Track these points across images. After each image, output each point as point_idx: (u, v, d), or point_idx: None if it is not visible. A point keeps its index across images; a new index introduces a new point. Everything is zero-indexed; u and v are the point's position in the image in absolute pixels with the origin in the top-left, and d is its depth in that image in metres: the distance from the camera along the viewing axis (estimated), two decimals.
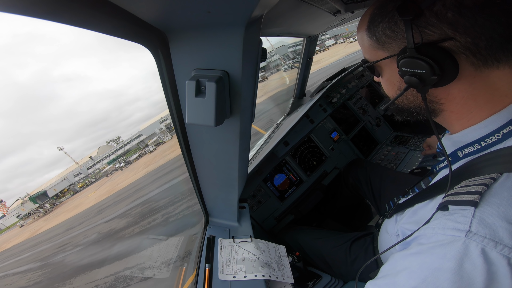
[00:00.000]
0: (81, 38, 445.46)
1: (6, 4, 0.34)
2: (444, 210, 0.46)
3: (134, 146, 50.31)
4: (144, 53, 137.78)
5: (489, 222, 0.40)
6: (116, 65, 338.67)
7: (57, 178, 53.40)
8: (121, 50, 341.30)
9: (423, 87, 0.49)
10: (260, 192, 1.62)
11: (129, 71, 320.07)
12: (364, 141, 2.02)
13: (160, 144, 43.44)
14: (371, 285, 0.52)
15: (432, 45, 0.46)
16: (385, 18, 0.51)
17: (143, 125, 54.74)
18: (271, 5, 0.52)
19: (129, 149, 50.55)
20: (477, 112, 0.50)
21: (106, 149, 57.73)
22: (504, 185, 0.43)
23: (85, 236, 11.90)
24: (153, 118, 54.05)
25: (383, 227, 0.82)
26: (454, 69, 0.45)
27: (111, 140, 66.60)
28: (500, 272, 0.38)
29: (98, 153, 56.37)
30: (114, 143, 63.94)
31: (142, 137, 49.90)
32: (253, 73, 0.63)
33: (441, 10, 0.43)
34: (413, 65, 0.48)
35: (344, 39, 40.40)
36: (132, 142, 51.04)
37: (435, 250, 0.43)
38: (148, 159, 33.41)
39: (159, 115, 49.05)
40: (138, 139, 50.35)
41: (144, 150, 44.58)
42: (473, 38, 0.43)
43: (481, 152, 0.51)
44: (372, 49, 0.57)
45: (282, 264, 1.02)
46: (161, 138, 44.89)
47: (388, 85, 0.61)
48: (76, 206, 26.14)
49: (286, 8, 0.78)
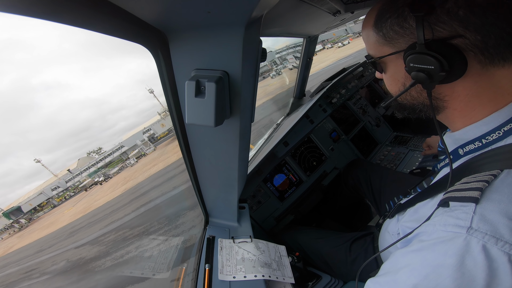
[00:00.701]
0: (62, 45, 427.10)
1: (6, 4, 0.34)
2: (445, 207, 0.46)
3: (117, 157, 47.27)
4: (128, 60, 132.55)
5: (490, 218, 0.40)
6: (99, 73, 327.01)
7: (35, 192, 49.78)
8: (104, 56, 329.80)
9: (430, 83, 0.49)
10: (260, 192, 1.62)
11: (113, 78, 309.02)
12: (364, 141, 2.02)
13: (142, 157, 40.32)
14: (372, 283, 0.52)
15: (442, 42, 0.46)
16: (394, 13, 0.51)
17: (125, 135, 52.51)
18: (271, 5, 0.52)
19: (111, 161, 48.06)
20: (480, 110, 0.51)
21: (86, 160, 53.30)
22: (504, 181, 0.43)
23: (54, 263, 11.17)
24: (137, 128, 51.84)
25: (384, 227, 0.82)
26: (462, 66, 0.46)
27: (92, 151, 62.68)
28: (501, 268, 0.38)
29: (78, 165, 51.71)
30: (95, 154, 60.06)
31: (124, 149, 46.66)
32: (253, 73, 0.63)
33: (453, 8, 0.44)
34: (421, 61, 0.48)
35: (332, 44, 40.20)
36: (113, 154, 47.75)
37: (436, 247, 0.43)
38: (128, 173, 31.15)
39: (143, 125, 46.53)
40: (120, 151, 47.15)
41: (125, 163, 40.85)
42: (483, 36, 0.43)
43: (482, 149, 0.51)
44: (378, 45, 0.57)
45: (282, 264, 1.02)
46: (143, 150, 41.51)
47: (392, 81, 0.61)
48: (51, 224, 24.50)
49: (286, 8, 0.78)
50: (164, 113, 43.04)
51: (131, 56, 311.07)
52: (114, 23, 0.46)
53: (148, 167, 24.50)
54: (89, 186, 40.55)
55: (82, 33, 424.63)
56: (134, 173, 27.47)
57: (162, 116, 42.89)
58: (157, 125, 41.56)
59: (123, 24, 0.48)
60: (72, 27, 0.41)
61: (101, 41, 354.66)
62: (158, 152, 35.02)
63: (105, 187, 31.16)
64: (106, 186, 32.73)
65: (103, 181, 38.13)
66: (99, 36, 72.87)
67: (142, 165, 31.15)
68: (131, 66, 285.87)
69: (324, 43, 41.88)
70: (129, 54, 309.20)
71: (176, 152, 22.67)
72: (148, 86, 42.46)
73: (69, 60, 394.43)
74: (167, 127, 40.86)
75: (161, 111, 44.93)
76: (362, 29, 0.62)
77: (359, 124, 2.04)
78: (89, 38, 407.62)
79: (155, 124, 41.64)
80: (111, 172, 40.24)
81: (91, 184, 40.96)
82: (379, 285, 0.50)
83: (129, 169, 35.35)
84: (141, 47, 0.56)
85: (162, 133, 41.00)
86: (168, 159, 22.14)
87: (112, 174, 39.36)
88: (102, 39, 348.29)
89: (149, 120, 46.04)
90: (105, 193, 25.54)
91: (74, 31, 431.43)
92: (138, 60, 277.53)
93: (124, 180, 26.40)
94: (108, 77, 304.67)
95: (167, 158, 23.16)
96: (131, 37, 0.52)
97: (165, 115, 41.75)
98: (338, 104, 1.93)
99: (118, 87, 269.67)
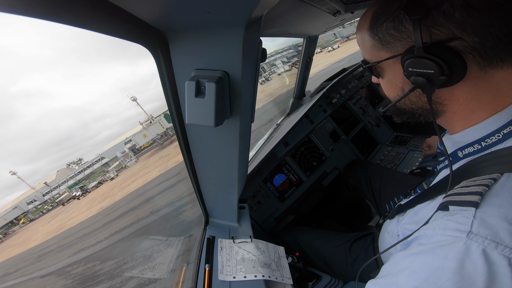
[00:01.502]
0: (43, 51, 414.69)
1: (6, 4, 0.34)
2: (445, 210, 0.46)
3: (98, 169, 43.91)
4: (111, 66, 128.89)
5: (490, 223, 0.40)
6: (81, 80, 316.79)
7: (11, 205, 45.65)
8: (86, 63, 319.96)
9: (430, 88, 0.49)
10: (260, 192, 1.62)
11: (95, 86, 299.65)
12: (364, 142, 2.02)
13: (123, 169, 37.21)
14: (372, 285, 0.52)
15: (440, 45, 0.45)
16: (389, 17, 0.50)
17: (107, 145, 47.45)
18: (271, 6, 0.52)
19: (92, 172, 44.42)
20: (479, 113, 0.50)
21: (66, 172, 49.82)
22: (504, 185, 0.43)
23: None
24: (119, 138, 46.71)
25: (384, 227, 0.82)
26: (462, 69, 0.45)
27: (72, 162, 60.05)
28: (500, 272, 0.38)
29: (57, 177, 48.12)
30: (75, 165, 57.62)
31: (105, 160, 43.42)
32: (253, 73, 0.63)
33: (449, 10, 0.43)
34: (420, 65, 0.47)
35: (321, 49, 39.80)
36: (93, 166, 44.50)
37: (436, 251, 0.43)
38: (107, 188, 29.00)
39: (125, 135, 41.31)
40: (100, 163, 43.90)
41: (105, 177, 37.32)
42: (481, 38, 0.43)
43: (481, 152, 0.51)
44: (374, 50, 0.56)
45: (281, 265, 1.02)
46: (124, 163, 37.86)
47: (390, 86, 0.60)
48: (23, 242, 22.74)
49: (286, 9, 0.78)
50: (147, 122, 38.68)
51: (115, 63, 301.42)
52: (114, 23, 0.46)
53: (127, 183, 22.93)
54: (67, 201, 37.48)
55: (63, 39, 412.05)
56: (112, 189, 25.50)
57: (144, 126, 38.16)
58: (138, 136, 37.32)
59: (123, 24, 0.48)
60: (52, 34, 0.40)
61: (83, 47, 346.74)
62: (140, 164, 32.15)
63: (82, 203, 28.75)
64: (83, 201, 30.01)
65: (80, 195, 34.94)
66: (80, 42, 66.57)
67: (122, 179, 28.68)
68: (114, 73, 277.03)
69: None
70: (112, 60, 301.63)
71: (158, 166, 21.54)
72: (132, 94, 38.40)
73: (50, 67, 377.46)
74: (150, 138, 36.99)
75: (143, 120, 40.52)
76: (356, 32, 0.61)
77: (359, 124, 2.04)
78: (70, 44, 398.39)
79: (137, 134, 37.50)
80: (90, 186, 37.03)
81: (68, 198, 37.82)
82: (380, 286, 0.50)
83: (108, 183, 32.97)
84: (124, 53, 0.55)
85: (146, 143, 37.14)
86: (148, 174, 20.61)
87: (91, 188, 36.22)
88: (84, 45, 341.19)
89: (132, 130, 41.36)
90: (81, 210, 23.56)
91: (54, 37, 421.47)
92: (122, 66, 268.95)
93: (102, 196, 24.46)
94: (90, 85, 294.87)
95: (148, 173, 21.45)
96: (131, 37, 0.52)
97: (148, 124, 37.57)
98: (338, 104, 1.93)
99: (101, 95, 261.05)
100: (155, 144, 37.19)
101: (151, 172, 20.51)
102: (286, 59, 34.10)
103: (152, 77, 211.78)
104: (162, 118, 36.15)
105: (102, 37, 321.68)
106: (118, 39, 0.49)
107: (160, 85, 0.65)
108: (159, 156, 28.34)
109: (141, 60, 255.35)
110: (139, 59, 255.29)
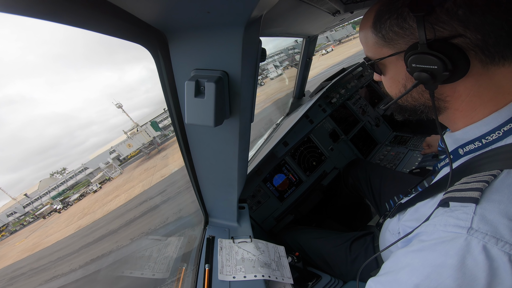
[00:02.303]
0: (26, 57, 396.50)
1: (6, 4, 0.34)
2: (445, 207, 0.47)
3: (83, 178, 40.53)
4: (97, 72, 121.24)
5: (490, 219, 0.40)
6: (66, 86, 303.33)
7: None
8: (71, 69, 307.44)
9: (433, 84, 0.49)
10: (259, 192, 1.62)
11: (81, 92, 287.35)
12: (364, 141, 2.02)
13: (107, 181, 34.22)
14: (373, 282, 0.52)
15: (444, 41, 0.46)
16: (393, 14, 0.51)
17: (91, 155, 44.80)
18: (270, 6, 0.52)
19: (76, 182, 40.79)
20: (481, 110, 0.51)
21: (49, 182, 45.56)
22: (504, 182, 0.43)
23: None
24: (105, 146, 42.66)
25: (384, 226, 0.82)
26: (465, 65, 0.46)
27: (55, 172, 55.73)
28: (501, 268, 0.39)
29: (40, 187, 43.80)
30: (58, 175, 53.38)
31: (88, 171, 40.28)
32: (252, 73, 0.63)
33: (452, 7, 0.44)
34: (424, 61, 0.47)
35: (314, 52, 39.68)
36: (76, 177, 40.97)
37: (437, 247, 0.43)
38: (89, 201, 26.92)
39: (111, 143, 37.29)
40: (84, 173, 40.56)
41: (88, 189, 34.53)
42: (483, 35, 0.44)
43: (482, 149, 0.52)
44: (377, 47, 0.57)
45: (281, 265, 1.02)
46: (108, 174, 34.72)
47: (392, 83, 0.60)
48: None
49: (286, 9, 0.79)
50: (132, 131, 35.29)
51: (100, 68, 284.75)
52: (114, 23, 0.46)
53: (109, 198, 21.18)
54: (48, 214, 34.31)
55: (47, 45, 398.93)
56: (94, 204, 23.52)
57: (129, 135, 34.40)
58: (123, 146, 33.86)
59: (122, 25, 0.48)
60: (35, 39, 0.40)
61: (68, 53, 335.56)
62: (125, 176, 29.96)
63: (62, 218, 26.56)
64: (64, 215, 27.83)
65: (61, 209, 32.25)
66: (65, 47, 64.53)
67: (104, 193, 26.28)
68: (100, 79, 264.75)
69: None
70: (98, 66, 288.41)
71: (142, 180, 20.05)
72: (117, 100, 35.00)
73: (34, 73, 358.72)
74: (135, 147, 33.70)
75: (128, 129, 36.87)
76: (359, 31, 0.61)
77: (358, 124, 2.04)
78: (54, 50, 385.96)
79: (121, 144, 33.97)
80: (72, 198, 33.99)
81: (50, 211, 34.55)
82: (381, 284, 0.50)
83: (91, 197, 30.34)
84: (112, 58, 0.54)
85: (133, 152, 33.92)
86: (132, 189, 19.07)
87: (73, 201, 33.35)
88: (68, 51, 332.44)
89: (118, 138, 38.17)
90: (60, 226, 21.84)
91: (37, 43, 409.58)
92: (108, 72, 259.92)
93: (82, 212, 22.58)
94: (75, 91, 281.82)
95: (131, 188, 19.89)
96: (130, 37, 0.52)
97: (133, 133, 34.17)
98: (338, 104, 1.94)
99: (87, 101, 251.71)
100: (141, 154, 35.02)
101: (135, 187, 19.05)
102: (279, 63, 33.80)
103: (141, 83, 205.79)
104: (148, 126, 33.98)
105: (87, 42, 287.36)
106: (104, 44, 0.49)
107: (149, 91, 0.64)
108: (145, 167, 26.73)
109: (128, 65, 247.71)
110: (126, 64, 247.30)
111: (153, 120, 36.15)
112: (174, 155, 23.58)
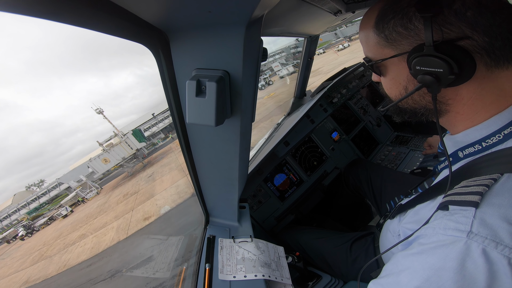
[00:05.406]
0: (7, 63, 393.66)
1: (6, 4, 0.34)
2: (444, 210, 0.46)
3: (63, 191, 34.73)
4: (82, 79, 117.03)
5: (490, 223, 0.40)
6: (49, 93, 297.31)
7: None
8: (54, 75, 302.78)
9: (438, 87, 0.48)
10: (260, 192, 1.62)
11: (65, 99, 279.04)
12: (365, 141, 2.02)
13: (81, 203, 27.30)
14: (374, 285, 0.52)
15: (451, 44, 0.45)
16: (398, 14, 0.49)
17: (72, 166, 39.28)
18: (271, 5, 0.51)
19: (51, 199, 35.27)
20: (482, 113, 0.50)
21: (25, 195, 40.10)
22: (505, 185, 0.43)
23: None
24: (84, 158, 34.80)
25: (385, 227, 0.82)
26: (471, 68, 0.44)
27: (32, 184, 50.94)
28: (501, 271, 0.39)
29: (14, 202, 37.95)
30: (36, 187, 48.67)
31: (63, 186, 34.75)
32: (253, 73, 0.63)
33: (461, 9, 0.43)
34: (429, 64, 0.46)
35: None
36: (49, 193, 35.36)
37: (437, 250, 0.43)
38: (53, 232, 20.42)
39: (88, 156, 30.61)
40: (58, 189, 35.09)
41: (58, 212, 27.15)
42: (490, 38, 0.43)
43: (482, 152, 0.51)
44: (378, 47, 0.55)
45: (281, 265, 1.02)
46: (81, 195, 27.86)
47: (392, 84, 0.59)
48: None
49: (287, 8, 0.78)
50: (109, 142, 29.02)
51: (85, 75, 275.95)
52: (116, 23, 0.46)
53: (74, 236, 15.49)
54: (11, 238, 28.02)
55: (28, 50, 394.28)
56: (55, 241, 17.17)
57: (105, 147, 27.78)
58: (97, 162, 27.48)
59: (124, 24, 0.48)
60: (16, 45, 0.39)
61: (51, 58, 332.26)
62: (101, 199, 23.32)
63: (21, 251, 20.13)
64: (24, 247, 21.33)
65: (24, 236, 26.05)
66: (48, 53, 63.44)
67: (72, 224, 19.91)
68: (85, 86, 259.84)
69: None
70: (82, 73, 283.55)
71: (118, 215, 14.12)
72: (97, 105, 29.04)
73: (16, 80, 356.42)
74: (113, 163, 27.34)
75: (104, 140, 30.75)
76: (360, 30, 0.60)
77: (360, 124, 2.04)
78: (36, 56, 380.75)
79: (95, 160, 27.51)
80: (38, 223, 27.37)
81: (13, 236, 28.06)
82: (382, 286, 0.50)
83: (58, 224, 23.59)
84: (94, 64, 0.53)
85: (112, 167, 27.86)
86: (104, 230, 13.36)
87: (39, 227, 26.84)
88: (52, 56, 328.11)
89: (91, 153, 30.73)
90: (11, 266, 16.58)
91: (18, 49, 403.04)
92: (93, 78, 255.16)
93: (40, 251, 16.54)
94: (60, 98, 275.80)
95: (103, 225, 14.28)
96: (132, 37, 0.52)
97: (110, 145, 27.90)
98: (339, 104, 1.93)
99: (72, 108, 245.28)
100: (123, 169, 28.54)
101: (107, 228, 13.39)
102: (274, 68, 33.30)
103: (127, 90, 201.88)
104: (130, 136, 27.92)
105: (70, 48, 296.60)
106: (90, 50, 0.48)
107: (137, 97, 0.61)
108: (125, 191, 20.66)
109: (114, 72, 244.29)
110: (111, 71, 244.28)
111: (136, 128, 31.20)
112: (162, 176, 17.85)
